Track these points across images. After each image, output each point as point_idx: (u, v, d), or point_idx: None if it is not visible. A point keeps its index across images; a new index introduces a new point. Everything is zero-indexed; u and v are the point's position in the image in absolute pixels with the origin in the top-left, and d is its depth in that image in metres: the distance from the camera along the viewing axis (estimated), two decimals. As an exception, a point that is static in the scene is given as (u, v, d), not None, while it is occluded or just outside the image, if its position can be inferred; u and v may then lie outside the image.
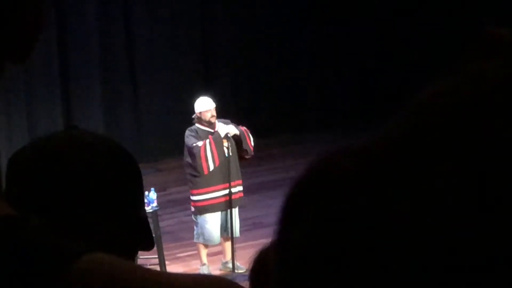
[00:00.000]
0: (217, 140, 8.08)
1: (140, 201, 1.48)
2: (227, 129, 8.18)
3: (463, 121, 0.43)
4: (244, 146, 8.27)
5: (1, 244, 0.83)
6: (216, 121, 8.24)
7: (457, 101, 0.45)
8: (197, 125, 8.29)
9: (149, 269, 0.86)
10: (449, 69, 0.48)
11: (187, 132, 8.27)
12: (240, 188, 8.44)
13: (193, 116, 8.36)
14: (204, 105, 8.25)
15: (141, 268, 0.87)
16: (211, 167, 8.09)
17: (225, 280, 0.88)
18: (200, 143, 8.05)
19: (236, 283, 0.90)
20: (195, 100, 8.44)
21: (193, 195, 8.35)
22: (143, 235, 1.47)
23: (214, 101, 8.31)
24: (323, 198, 0.46)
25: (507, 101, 0.43)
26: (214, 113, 8.22)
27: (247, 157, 8.40)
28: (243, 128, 8.34)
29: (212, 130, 8.20)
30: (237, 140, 8.25)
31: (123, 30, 14.16)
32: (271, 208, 9.91)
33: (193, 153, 8.08)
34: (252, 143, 8.38)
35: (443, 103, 0.45)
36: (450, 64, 0.49)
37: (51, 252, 0.82)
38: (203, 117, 8.21)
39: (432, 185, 0.42)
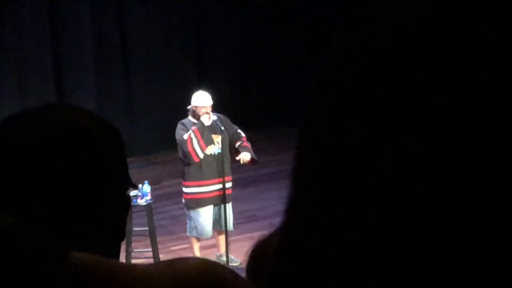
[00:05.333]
0: (200, 128, 8.14)
1: (123, 170, 1.49)
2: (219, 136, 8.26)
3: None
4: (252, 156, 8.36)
5: None
6: (211, 114, 8.27)
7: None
8: (189, 117, 8.34)
9: (128, 266, 0.86)
10: None
11: (178, 126, 8.35)
12: (230, 184, 8.48)
13: (188, 107, 8.38)
14: (201, 101, 8.27)
15: (121, 266, 0.87)
16: (200, 155, 8.17)
17: (205, 268, 0.87)
18: (185, 136, 8.13)
19: (219, 267, 0.89)
20: (188, 94, 8.46)
21: (185, 186, 8.41)
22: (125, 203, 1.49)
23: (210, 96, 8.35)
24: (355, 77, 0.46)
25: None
26: (209, 111, 8.26)
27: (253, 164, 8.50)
28: (246, 143, 8.45)
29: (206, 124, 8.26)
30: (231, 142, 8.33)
31: (116, 24, 14.14)
32: (264, 202, 9.93)
33: (182, 146, 8.17)
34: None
35: None
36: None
37: (40, 253, 0.82)
38: (197, 111, 8.25)
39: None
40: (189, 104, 8.40)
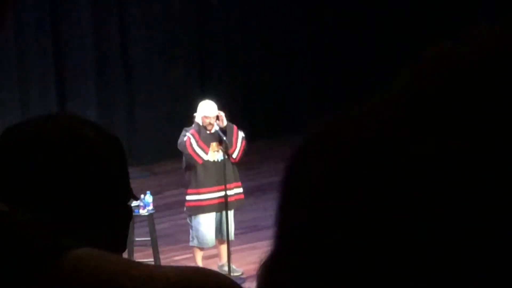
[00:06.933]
0: (197, 129, 8.13)
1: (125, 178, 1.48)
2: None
3: (462, 86, 0.41)
4: (227, 140, 8.23)
5: None
6: (215, 125, 8.28)
7: (456, 64, 0.43)
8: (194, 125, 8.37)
9: (129, 263, 0.85)
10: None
11: (182, 133, 8.36)
12: (239, 190, 8.44)
13: (194, 114, 8.37)
14: (206, 111, 8.27)
15: (120, 262, 0.86)
16: (203, 155, 8.14)
17: (205, 278, 0.86)
18: (184, 137, 8.13)
19: (216, 276, 0.87)
20: (190, 102, 8.47)
21: (187, 194, 8.41)
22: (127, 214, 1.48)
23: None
24: (323, 165, 0.45)
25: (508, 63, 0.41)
26: (213, 122, 8.24)
27: (232, 155, 8.33)
28: (235, 128, 8.39)
29: (208, 132, 8.26)
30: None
31: (118, 33, 14.15)
32: (267, 211, 9.89)
33: (183, 150, 8.18)
34: (238, 144, 8.33)
35: (442, 66, 0.44)
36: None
37: (37, 248, 0.82)
38: (201, 121, 8.26)
39: (439, 151, 0.41)
40: (191, 112, 8.43)
